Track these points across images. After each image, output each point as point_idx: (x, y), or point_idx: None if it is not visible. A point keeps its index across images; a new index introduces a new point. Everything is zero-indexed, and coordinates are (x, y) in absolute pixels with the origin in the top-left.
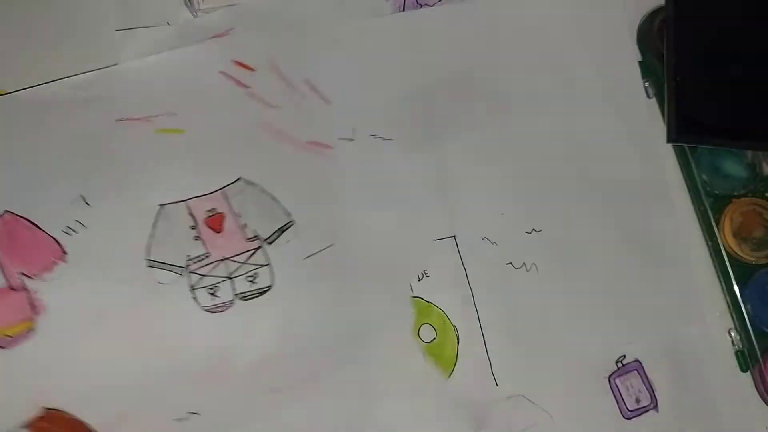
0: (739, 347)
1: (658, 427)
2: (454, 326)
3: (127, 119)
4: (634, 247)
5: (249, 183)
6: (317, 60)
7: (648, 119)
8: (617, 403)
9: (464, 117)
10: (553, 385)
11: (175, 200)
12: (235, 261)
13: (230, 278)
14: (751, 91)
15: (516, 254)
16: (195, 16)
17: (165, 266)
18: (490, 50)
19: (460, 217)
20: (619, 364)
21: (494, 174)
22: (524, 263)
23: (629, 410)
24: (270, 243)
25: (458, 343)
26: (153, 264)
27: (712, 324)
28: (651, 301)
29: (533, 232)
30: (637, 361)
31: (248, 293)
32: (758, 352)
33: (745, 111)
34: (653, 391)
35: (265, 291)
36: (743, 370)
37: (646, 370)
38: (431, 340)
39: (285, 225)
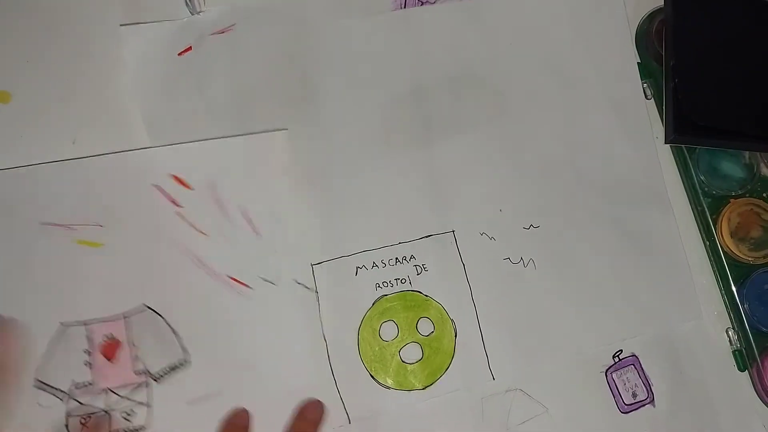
0: (736, 346)
1: (654, 422)
2: (452, 320)
3: (50, 224)
4: (632, 245)
5: (153, 312)
6: (258, 185)
7: (646, 120)
8: (614, 397)
9: (464, 114)
10: (550, 379)
11: (77, 320)
12: (116, 393)
13: (106, 411)
14: (748, 93)
15: (514, 250)
16: (198, 13)
17: (49, 389)
18: (491, 49)
19: (459, 212)
20: (616, 359)
21: (493, 170)
22: (522, 258)
23: (626, 404)
24: (157, 380)
25: (456, 336)
26: (38, 385)
27: (709, 323)
28: (648, 298)
29: (531, 228)
30: (633, 355)
31: None
32: (756, 352)
33: (743, 112)
34: (650, 386)
35: None
36: (741, 370)
37: (642, 365)
38: (429, 334)
39: (178, 363)
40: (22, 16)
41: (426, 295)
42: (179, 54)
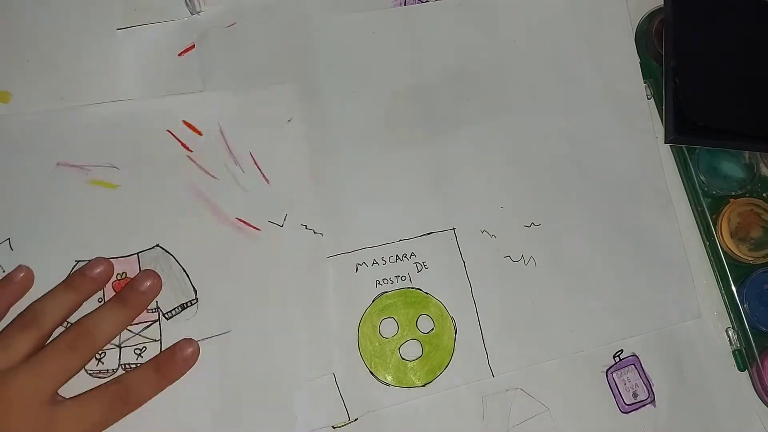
0: (736, 346)
1: (655, 422)
2: (452, 317)
3: (66, 164)
4: (633, 244)
5: (165, 252)
6: (267, 136)
7: (647, 120)
8: (614, 396)
9: (465, 111)
10: (550, 378)
11: (90, 258)
12: (128, 330)
13: (119, 347)
14: (748, 93)
15: (515, 247)
16: (198, 12)
17: (64, 323)
18: (492, 46)
19: (459, 209)
20: (617, 359)
21: (495, 168)
22: (522, 256)
23: (626, 404)
24: (168, 318)
25: (456, 334)
26: None
27: (709, 323)
28: (648, 298)
29: (532, 226)
30: (634, 355)
31: (131, 366)
32: (755, 352)
33: (743, 112)
34: (650, 386)
35: None
36: (741, 369)
37: (643, 365)
38: (429, 331)
39: (188, 302)
40: (22, 17)
41: (426, 293)
42: (179, 54)
